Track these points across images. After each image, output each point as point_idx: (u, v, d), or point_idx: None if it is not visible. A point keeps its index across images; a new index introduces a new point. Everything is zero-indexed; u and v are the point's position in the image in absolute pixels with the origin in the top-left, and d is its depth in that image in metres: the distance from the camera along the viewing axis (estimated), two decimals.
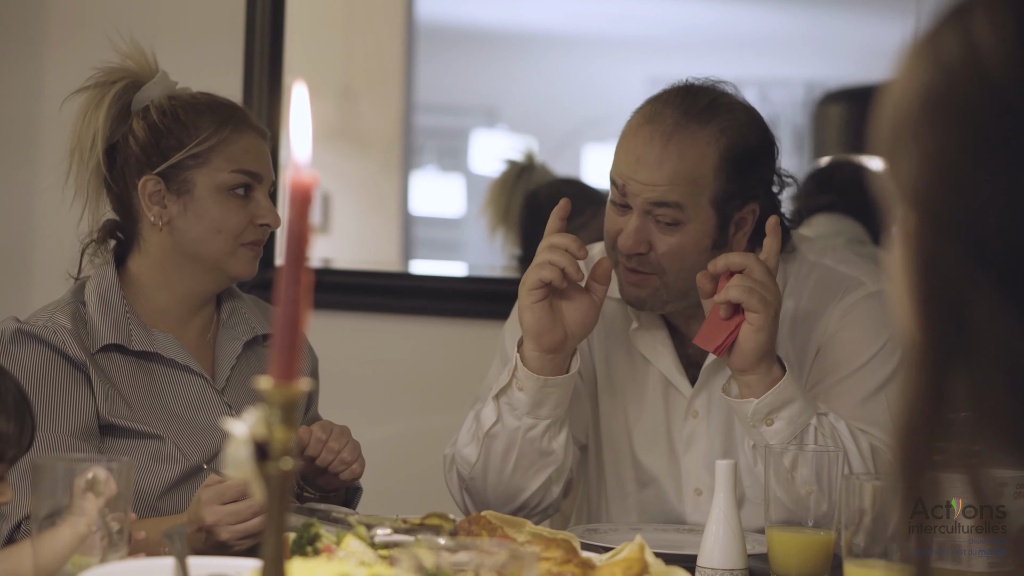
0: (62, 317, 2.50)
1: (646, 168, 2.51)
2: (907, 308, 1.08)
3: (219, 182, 2.55)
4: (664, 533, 2.55)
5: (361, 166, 4.86)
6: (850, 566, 1.99)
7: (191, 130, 2.56)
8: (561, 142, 5.26)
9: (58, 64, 4.07)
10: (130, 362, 2.54)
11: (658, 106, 2.54)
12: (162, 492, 2.47)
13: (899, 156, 1.08)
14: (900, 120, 1.08)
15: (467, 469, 2.60)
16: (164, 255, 2.58)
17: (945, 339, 1.05)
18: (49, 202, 4.02)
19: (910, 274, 1.07)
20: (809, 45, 5.55)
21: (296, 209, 1.25)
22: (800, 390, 2.44)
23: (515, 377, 2.53)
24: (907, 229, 1.07)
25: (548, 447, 2.57)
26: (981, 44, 1.05)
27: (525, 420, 2.55)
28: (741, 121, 2.56)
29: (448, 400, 4.00)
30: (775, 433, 2.43)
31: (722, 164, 2.52)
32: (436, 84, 5.35)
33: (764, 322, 2.41)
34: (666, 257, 2.53)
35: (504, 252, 4.61)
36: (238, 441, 1.24)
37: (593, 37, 5.56)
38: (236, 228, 2.56)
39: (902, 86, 1.09)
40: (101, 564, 1.76)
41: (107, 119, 2.60)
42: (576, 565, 1.92)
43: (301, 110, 1.27)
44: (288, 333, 1.25)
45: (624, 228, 2.54)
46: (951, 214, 1.04)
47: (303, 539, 1.92)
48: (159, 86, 2.62)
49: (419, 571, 1.39)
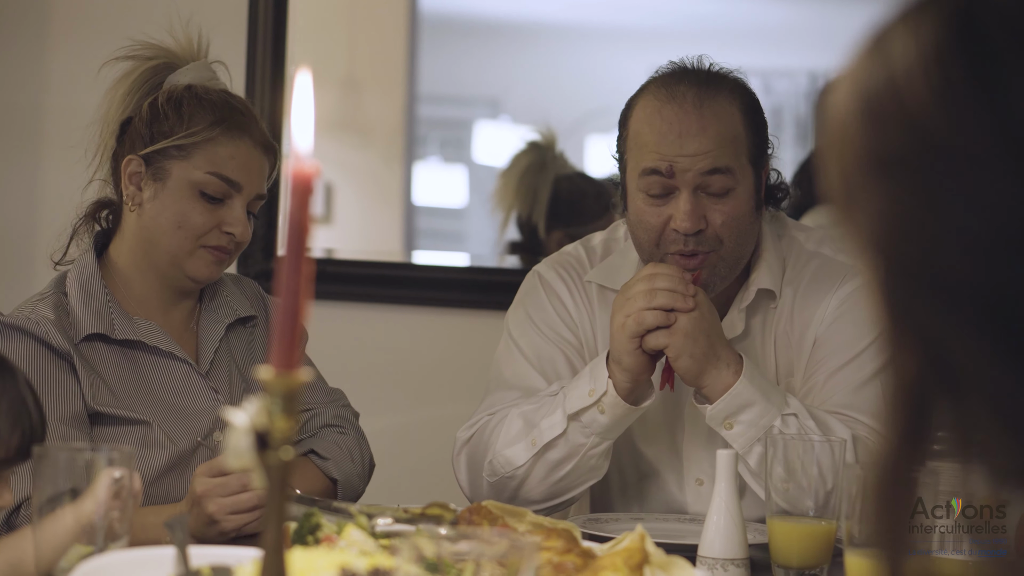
0: (44, 308, 2.50)
1: (692, 139, 2.51)
2: (886, 352, 1.07)
3: (193, 179, 2.53)
4: (665, 523, 2.56)
5: (364, 156, 4.86)
6: (851, 556, 1.99)
7: (185, 121, 2.54)
8: (564, 133, 5.25)
9: (63, 53, 4.07)
10: (114, 351, 2.54)
11: (670, 86, 2.56)
12: (153, 479, 2.47)
13: (854, 209, 1.07)
14: (847, 173, 1.07)
15: (507, 469, 2.61)
16: (136, 239, 2.58)
17: (926, 379, 1.04)
18: (53, 190, 4.04)
19: (884, 320, 1.06)
20: (813, 35, 5.55)
21: (297, 199, 1.25)
22: (759, 393, 2.46)
23: (600, 402, 2.54)
24: (876, 278, 1.06)
25: (601, 464, 2.61)
26: (901, 79, 1.02)
27: (593, 439, 2.57)
28: (738, 80, 2.61)
29: (450, 390, 4.01)
30: (736, 437, 2.47)
31: (746, 120, 2.57)
32: (439, 75, 5.34)
33: (679, 349, 2.46)
34: (724, 227, 2.54)
35: (500, 239, 4.60)
36: (239, 431, 1.25)
37: (596, 27, 5.56)
38: (197, 228, 2.54)
39: (840, 133, 1.07)
40: (102, 553, 1.76)
41: (129, 92, 2.60)
42: (577, 555, 1.92)
43: (303, 98, 1.27)
44: (288, 323, 1.25)
45: (675, 212, 2.54)
46: (912, 263, 1.03)
47: (304, 529, 1.92)
48: (192, 73, 2.61)
49: (420, 561, 1.39)
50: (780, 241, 2.68)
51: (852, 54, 1.07)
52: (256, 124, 2.59)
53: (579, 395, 2.55)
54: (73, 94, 4.04)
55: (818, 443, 2.25)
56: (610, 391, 2.52)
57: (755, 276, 2.64)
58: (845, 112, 1.06)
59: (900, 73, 1.03)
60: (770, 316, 2.66)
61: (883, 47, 1.04)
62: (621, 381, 2.52)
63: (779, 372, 2.64)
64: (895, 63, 1.03)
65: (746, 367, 2.47)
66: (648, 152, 2.54)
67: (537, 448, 2.58)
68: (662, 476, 2.71)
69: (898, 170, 1.03)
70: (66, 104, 4.05)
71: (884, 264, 1.05)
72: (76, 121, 4.02)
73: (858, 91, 1.05)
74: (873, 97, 1.04)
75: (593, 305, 2.74)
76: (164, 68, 2.62)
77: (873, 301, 1.07)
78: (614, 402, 2.52)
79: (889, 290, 1.05)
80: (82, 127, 3.19)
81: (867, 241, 1.06)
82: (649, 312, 2.46)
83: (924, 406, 1.04)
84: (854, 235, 1.07)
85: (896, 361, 1.05)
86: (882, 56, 1.04)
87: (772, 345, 2.65)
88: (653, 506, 2.71)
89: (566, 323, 2.73)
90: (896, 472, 1.05)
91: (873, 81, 1.04)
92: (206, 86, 2.60)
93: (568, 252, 2.81)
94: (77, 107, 4.02)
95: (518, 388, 2.69)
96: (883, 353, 2.55)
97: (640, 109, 2.57)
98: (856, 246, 1.08)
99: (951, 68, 1.00)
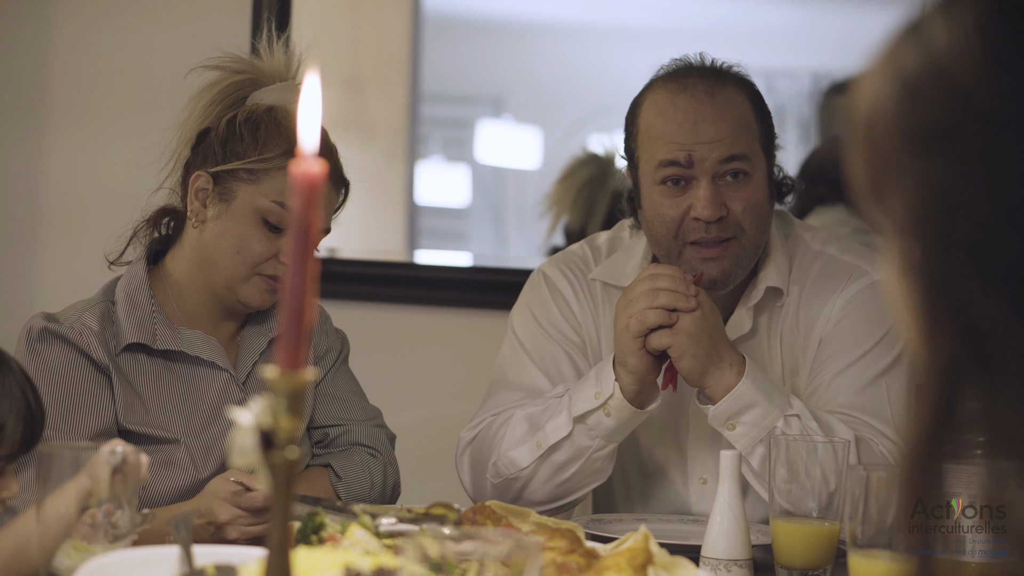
0: (90, 318, 2.50)
1: (709, 125, 2.53)
2: (917, 334, 1.07)
3: (257, 205, 2.50)
4: (668, 524, 2.56)
5: (367, 156, 4.85)
6: (855, 556, 1.99)
7: (259, 146, 2.51)
8: (567, 132, 5.26)
9: (68, 27, 4.06)
10: (155, 363, 2.53)
11: (680, 78, 2.58)
12: (168, 499, 2.46)
13: (888, 192, 1.06)
14: (880, 156, 1.07)
15: (512, 471, 2.61)
16: (195, 255, 2.56)
17: (959, 361, 1.04)
18: (56, 164, 4.04)
19: (920, 302, 1.06)
20: (815, 36, 5.54)
21: (304, 199, 1.25)
22: (762, 394, 2.46)
23: (606, 405, 2.54)
24: (910, 260, 1.06)
25: (605, 466, 2.62)
26: (944, 56, 1.03)
27: (598, 442, 2.57)
28: (741, 75, 2.63)
29: (453, 389, 4.01)
30: (739, 437, 2.47)
31: (755, 109, 2.59)
32: (442, 74, 5.34)
33: (682, 349, 2.46)
34: (744, 214, 2.55)
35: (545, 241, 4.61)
36: (244, 430, 1.25)
37: (599, 27, 5.56)
38: (255, 256, 2.51)
39: (872, 118, 1.07)
40: (105, 552, 1.76)
41: (212, 103, 2.57)
42: (580, 555, 1.92)
43: (311, 99, 1.27)
44: (294, 323, 1.25)
45: (695, 202, 2.54)
46: (955, 238, 1.03)
47: (308, 528, 1.92)
48: (276, 93, 2.58)
49: (424, 561, 1.39)
50: (787, 240, 2.69)
51: (881, 46, 1.07)
52: (329, 156, 2.55)
53: (585, 397, 2.56)
54: (78, 61, 4.05)
55: (821, 444, 2.25)
56: (616, 394, 2.52)
57: (763, 274, 2.64)
58: (879, 95, 1.06)
59: (941, 50, 1.03)
60: (776, 315, 2.66)
61: (919, 33, 1.04)
62: (627, 383, 2.52)
63: (784, 371, 2.64)
64: (934, 43, 1.03)
65: (748, 368, 2.48)
66: (664, 144, 2.54)
67: (542, 450, 2.58)
68: (666, 475, 2.71)
69: (940, 143, 1.03)
70: (71, 72, 4.06)
71: (922, 243, 1.05)
72: (80, 88, 4.04)
73: (894, 73, 1.05)
74: (912, 75, 1.04)
75: (597, 304, 2.74)
76: (250, 84, 2.59)
77: (905, 286, 1.07)
78: (620, 405, 2.53)
79: (926, 270, 1.05)
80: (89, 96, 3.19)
81: (903, 222, 1.06)
82: (651, 311, 2.47)
83: (955, 390, 1.04)
84: (887, 219, 1.07)
85: (930, 342, 1.05)
86: (919, 40, 1.04)
87: (778, 344, 2.65)
88: (657, 505, 2.71)
89: (570, 323, 2.73)
90: (925, 458, 1.05)
91: (911, 61, 1.04)
92: (287, 110, 2.55)
93: (573, 251, 2.81)
94: (82, 74, 4.04)
95: (522, 388, 2.69)
96: (890, 352, 2.55)
97: (651, 103, 2.57)
98: (890, 230, 1.07)
99: (995, 38, 1.01)
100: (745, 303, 2.65)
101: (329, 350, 2.73)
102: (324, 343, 2.73)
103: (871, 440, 2.50)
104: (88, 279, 2.89)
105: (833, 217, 4.09)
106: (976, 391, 1.03)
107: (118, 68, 4.02)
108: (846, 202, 4.13)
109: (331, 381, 2.72)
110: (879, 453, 2.49)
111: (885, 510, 1.98)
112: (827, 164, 4.41)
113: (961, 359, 1.04)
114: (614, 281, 2.71)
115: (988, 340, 1.01)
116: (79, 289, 2.76)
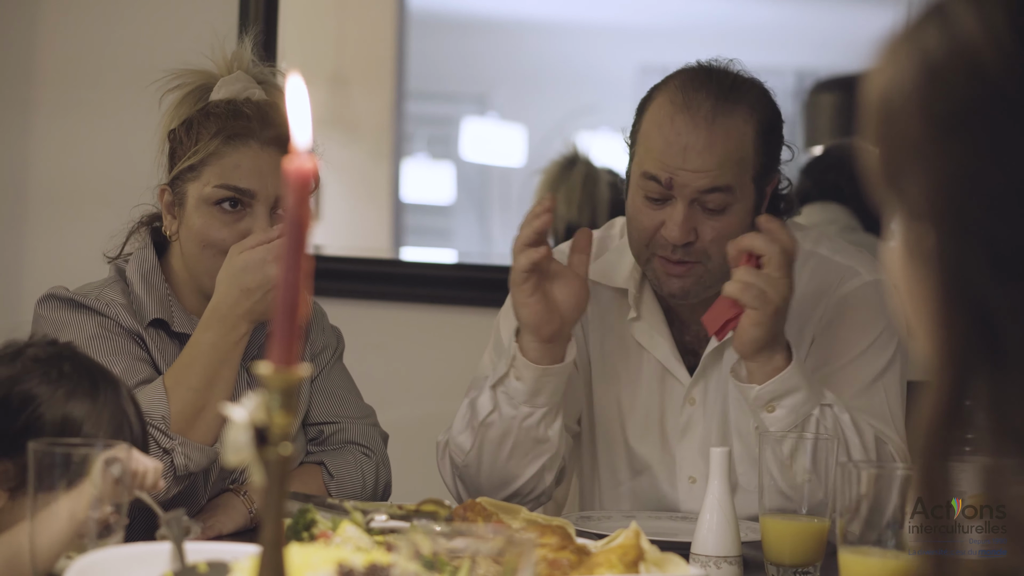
0: (112, 292, 2.51)
1: (696, 156, 2.48)
2: (926, 322, 1.06)
3: (204, 195, 2.49)
4: (657, 521, 2.55)
5: (352, 153, 4.85)
6: (845, 553, 1.99)
7: (194, 141, 2.51)
8: (552, 130, 5.26)
9: (56, 13, 4.05)
10: (174, 345, 2.53)
11: (688, 92, 2.51)
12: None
13: (904, 175, 1.05)
14: (897, 138, 1.06)
15: (461, 457, 2.60)
16: (182, 263, 2.57)
17: (970, 350, 1.03)
18: (45, 140, 4.03)
19: (932, 290, 1.05)
20: (800, 34, 5.56)
21: (296, 196, 1.25)
22: (805, 380, 2.44)
23: (513, 367, 2.53)
24: (923, 246, 1.05)
25: (543, 435, 2.57)
26: (971, 39, 1.02)
27: (522, 409, 2.54)
28: (762, 93, 2.57)
29: (439, 387, 4.00)
30: (776, 420, 2.43)
31: (758, 140, 2.53)
32: (427, 71, 5.34)
33: (761, 318, 2.39)
34: (713, 243, 2.52)
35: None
36: (238, 426, 1.24)
37: (584, 25, 5.56)
38: (221, 243, 2.48)
39: (890, 99, 1.06)
40: (96, 549, 1.75)
41: (171, 120, 2.56)
42: (571, 552, 1.92)
43: (299, 99, 1.27)
44: (287, 318, 1.25)
45: (668, 220, 2.51)
46: (972, 225, 1.02)
47: (299, 525, 1.92)
48: (226, 87, 2.56)
49: (417, 558, 1.39)
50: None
51: (900, 28, 1.06)
52: (267, 126, 2.51)
53: (501, 366, 2.55)
54: (67, 49, 4.04)
55: (810, 441, 2.26)
56: (517, 355, 2.51)
57: None
58: (899, 76, 1.05)
59: (967, 33, 1.02)
60: None
61: (943, 15, 1.03)
62: (526, 342, 2.51)
63: None
64: (960, 26, 1.02)
65: (795, 354, 2.46)
66: (652, 158, 2.52)
67: (476, 428, 2.57)
68: (654, 473, 2.70)
69: (962, 127, 1.02)
70: (59, 59, 4.05)
71: (937, 228, 1.04)
72: (68, 76, 4.02)
73: (916, 54, 1.04)
74: (935, 57, 1.03)
75: None
76: (203, 91, 2.57)
77: (916, 272, 1.06)
78: (523, 364, 2.51)
79: (940, 256, 1.04)
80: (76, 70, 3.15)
81: (918, 206, 1.05)
82: (527, 229, 2.47)
83: (965, 380, 1.03)
84: (901, 202, 1.06)
85: (940, 331, 1.05)
86: (943, 22, 1.03)
87: None
88: (645, 504, 2.70)
89: None
90: (935, 451, 1.04)
91: (934, 43, 1.03)
92: (227, 99, 2.54)
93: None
94: (71, 61, 4.03)
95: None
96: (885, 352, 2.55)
97: (656, 108, 2.54)
98: (903, 214, 1.07)
99: (1023, 22, 1.00)
100: None
101: (325, 347, 2.73)
102: (321, 340, 2.73)
103: (883, 440, 2.49)
104: (78, 264, 2.89)
105: (822, 215, 4.10)
106: (984, 383, 1.02)
107: (107, 57, 4.01)
108: (835, 199, 4.14)
109: (327, 378, 2.72)
110: (889, 453, 2.48)
111: (876, 507, 1.98)
112: (816, 161, 4.42)
113: (972, 349, 1.03)
114: (605, 281, 2.70)
115: (1000, 330, 1.01)
116: (69, 276, 2.74)
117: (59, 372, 1.99)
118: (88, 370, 2.03)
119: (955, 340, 1.04)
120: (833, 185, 4.14)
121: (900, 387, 2.61)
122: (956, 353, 1.04)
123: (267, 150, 2.50)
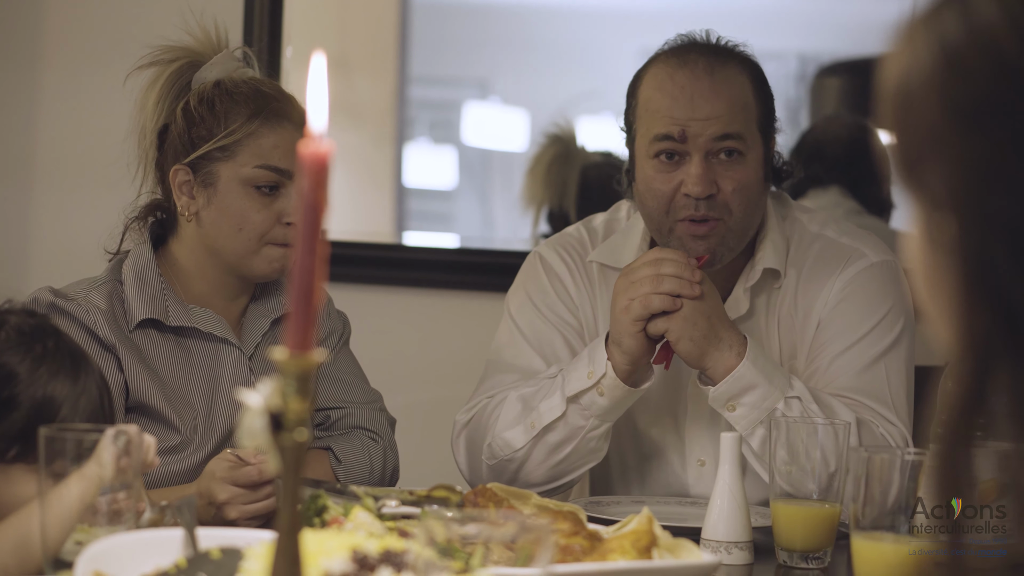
0: (97, 296, 2.49)
1: (705, 102, 2.53)
2: (947, 311, 1.05)
3: (243, 177, 2.49)
4: (667, 506, 2.55)
5: (355, 138, 4.84)
6: (858, 539, 1.99)
7: (222, 120, 2.50)
8: (554, 114, 5.24)
9: (56, 68, 4.06)
10: (167, 339, 2.52)
11: (680, 54, 2.58)
12: (185, 477, 2.46)
13: (924, 164, 1.05)
14: (917, 127, 1.05)
15: (506, 452, 2.61)
16: (196, 245, 2.56)
17: (991, 339, 1.02)
18: (46, 208, 4.04)
19: (953, 279, 1.04)
20: (802, 17, 5.54)
21: (312, 180, 1.24)
22: (762, 376, 2.46)
23: (600, 384, 2.53)
24: (944, 235, 1.05)
25: (601, 446, 2.61)
26: (992, 27, 1.01)
27: (592, 422, 2.56)
28: (746, 54, 2.63)
29: (442, 371, 4.00)
30: (739, 419, 2.47)
31: (755, 90, 2.59)
32: (430, 56, 5.33)
33: (679, 333, 2.46)
34: (734, 195, 2.55)
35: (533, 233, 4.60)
36: (253, 412, 1.24)
37: (586, 9, 5.55)
38: (259, 226, 2.50)
39: (908, 87, 1.05)
40: (108, 534, 1.75)
41: (159, 100, 2.56)
42: (584, 538, 1.91)
43: (318, 81, 1.26)
44: (303, 304, 1.24)
45: (686, 178, 2.54)
46: (993, 215, 1.02)
47: (310, 511, 1.92)
48: (218, 67, 2.56)
49: (431, 545, 1.38)
50: (784, 222, 2.68)
51: (916, 14, 1.05)
52: (293, 105, 2.54)
53: (578, 377, 2.55)
54: (73, 16, 4.04)
55: (821, 426, 2.25)
56: (609, 373, 2.52)
57: (760, 255, 2.64)
58: (918, 64, 1.04)
59: (988, 21, 1.01)
60: (774, 296, 2.65)
61: (962, 2, 1.03)
62: (620, 363, 2.51)
63: (782, 353, 2.64)
64: (981, 14, 1.01)
65: (750, 349, 2.47)
66: (660, 117, 2.54)
67: (536, 431, 2.58)
68: (664, 457, 2.71)
69: (984, 117, 1.01)
70: (66, 21, 4.04)
71: (958, 218, 1.03)
72: (76, 37, 4.02)
73: (935, 42, 1.03)
74: (955, 46, 1.02)
75: (594, 286, 2.74)
76: (188, 68, 2.57)
77: (936, 261, 1.05)
78: (613, 384, 2.52)
79: (962, 246, 1.03)
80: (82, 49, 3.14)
81: (939, 196, 1.04)
82: (656, 296, 2.46)
83: (988, 370, 1.03)
84: (921, 192, 1.05)
85: (965, 322, 1.04)
86: (963, 10, 1.02)
87: (776, 326, 2.65)
88: (654, 487, 2.71)
89: (567, 305, 2.73)
90: (957, 434, 1.04)
91: (953, 31, 1.02)
92: (234, 79, 2.55)
93: (569, 233, 2.81)
94: (76, 23, 4.03)
95: (517, 370, 2.69)
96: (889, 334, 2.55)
97: (651, 77, 2.58)
98: (923, 203, 1.06)
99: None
100: (742, 284, 2.65)
101: (331, 332, 2.73)
102: (327, 325, 2.72)
103: (872, 422, 2.50)
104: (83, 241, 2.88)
105: (828, 199, 4.09)
106: (1006, 371, 1.02)
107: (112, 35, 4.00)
108: (840, 183, 4.13)
109: (333, 363, 2.71)
110: (879, 435, 2.49)
111: (887, 492, 1.98)
112: (822, 145, 4.40)
113: (993, 338, 1.02)
114: (612, 263, 2.70)
115: (1022, 319, 1.00)
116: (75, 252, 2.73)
117: (43, 348, 1.97)
118: (71, 350, 2.01)
119: (976, 329, 1.03)
120: (831, 170, 4.14)
121: (905, 369, 2.61)
122: (977, 342, 1.03)
123: (299, 130, 2.50)
